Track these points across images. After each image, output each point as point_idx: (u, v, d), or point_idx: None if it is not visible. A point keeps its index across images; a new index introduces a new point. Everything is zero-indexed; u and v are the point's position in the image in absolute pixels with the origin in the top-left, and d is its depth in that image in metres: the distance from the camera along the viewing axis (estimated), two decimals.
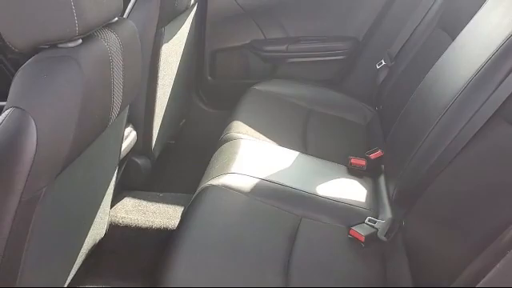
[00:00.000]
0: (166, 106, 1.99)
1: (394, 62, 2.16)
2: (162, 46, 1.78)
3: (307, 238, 1.41)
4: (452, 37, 1.64)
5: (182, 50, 2.09)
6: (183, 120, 2.44)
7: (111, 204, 1.59)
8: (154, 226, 1.72)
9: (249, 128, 1.92)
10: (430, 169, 1.33)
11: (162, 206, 1.81)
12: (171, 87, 2.02)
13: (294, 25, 2.42)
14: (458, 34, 1.56)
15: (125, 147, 1.69)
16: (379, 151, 1.79)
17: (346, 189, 1.65)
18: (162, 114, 1.97)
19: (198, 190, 1.55)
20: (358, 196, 1.62)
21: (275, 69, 2.46)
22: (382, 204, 1.60)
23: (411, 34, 2.11)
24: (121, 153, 1.51)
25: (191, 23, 2.15)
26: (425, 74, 1.60)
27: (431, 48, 1.81)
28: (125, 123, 1.40)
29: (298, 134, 1.98)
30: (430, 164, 1.33)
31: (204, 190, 1.52)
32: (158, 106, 1.87)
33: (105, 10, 0.99)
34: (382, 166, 1.77)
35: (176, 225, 1.59)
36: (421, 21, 2.07)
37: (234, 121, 1.96)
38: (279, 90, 2.26)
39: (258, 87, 2.26)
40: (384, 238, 1.43)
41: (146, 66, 1.74)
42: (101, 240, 1.55)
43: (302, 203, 1.54)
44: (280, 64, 2.45)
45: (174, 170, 2.30)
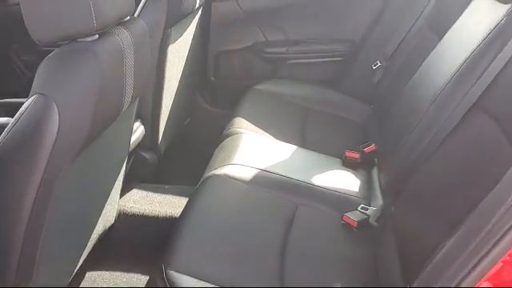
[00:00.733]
0: (171, 105, 2.07)
1: (388, 63, 2.26)
2: (169, 46, 1.86)
3: (303, 223, 1.50)
4: (440, 38, 1.75)
5: (187, 51, 2.16)
6: (188, 119, 2.50)
7: (120, 194, 1.67)
8: (160, 215, 1.80)
9: (250, 124, 1.99)
10: (417, 158, 1.44)
11: (167, 197, 1.89)
12: (177, 87, 2.10)
13: (294, 28, 2.49)
14: None
15: (133, 141, 1.78)
16: (373, 145, 1.87)
17: (341, 179, 1.73)
18: (168, 112, 2.04)
19: (202, 180, 1.63)
20: (352, 186, 1.71)
21: (276, 70, 2.52)
22: (374, 193, 1.68)
23: (404, 36, 2.21)
24: (130, 145, 1.61)
25: (196, 26, 2.22)
26: None
27: (422, 49, 1.90)
28: (134, 117, 1.49)
29: (296, 129, 2.05)
30: (416, 154, 1.45)
31: (207, 179, 1.61)
32: (164, 104, 1.95)
33: (119, 9, 1.10)
34: (376, 159, 1.85)
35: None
36: (413, 24, 2.18)
37: (235, 117, 2.04)
38: (279, 89, 2.33)
39: (258, 87, 2.33)
40: (375, 224, 1.51)
41: (154, 66, 1.82)
42: (110, 227, 1.64)
43: (299, 192, 1.62)
44: (280, 65, 2.51)
45: (179, 164, 2.36)
